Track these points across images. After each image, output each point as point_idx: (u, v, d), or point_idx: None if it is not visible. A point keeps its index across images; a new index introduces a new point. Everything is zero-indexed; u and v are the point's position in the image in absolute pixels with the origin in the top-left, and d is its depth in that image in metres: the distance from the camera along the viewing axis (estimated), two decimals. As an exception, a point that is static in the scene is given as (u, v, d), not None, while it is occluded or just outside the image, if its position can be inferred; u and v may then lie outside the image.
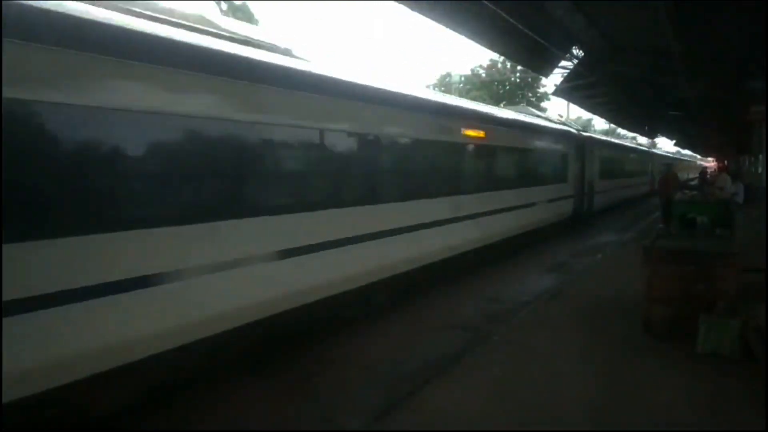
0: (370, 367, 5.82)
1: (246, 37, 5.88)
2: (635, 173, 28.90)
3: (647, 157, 34.33)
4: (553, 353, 5.72)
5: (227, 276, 4.85)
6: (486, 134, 10.03)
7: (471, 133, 9.52)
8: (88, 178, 3.98)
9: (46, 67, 3.69)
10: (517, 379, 5.09)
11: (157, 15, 4.96)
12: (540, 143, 13.65)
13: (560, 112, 51.14)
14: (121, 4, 4.68)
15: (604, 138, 25.49)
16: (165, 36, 4.54)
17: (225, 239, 4.86)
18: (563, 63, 16.08)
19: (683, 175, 32.62)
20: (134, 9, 4.76)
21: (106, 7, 4.35)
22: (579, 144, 16.97)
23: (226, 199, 4.99)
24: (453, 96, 10.72)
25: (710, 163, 57.23)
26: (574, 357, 5.59)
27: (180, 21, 5.19)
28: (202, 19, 5.59)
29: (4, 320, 3.40)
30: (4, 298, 3.40)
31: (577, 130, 18.31)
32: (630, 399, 4.62)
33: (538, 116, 15.98)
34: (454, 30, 12.40)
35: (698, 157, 67.34)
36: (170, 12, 5.28)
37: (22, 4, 3.59)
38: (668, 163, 23.92)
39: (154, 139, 4.45)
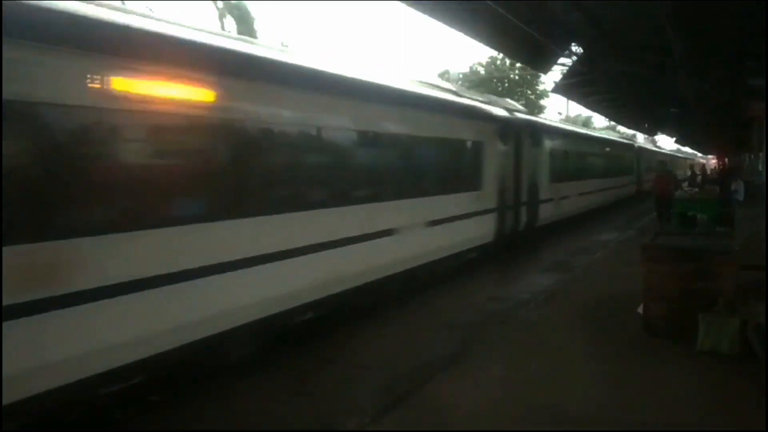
0: (367, 366, 5.80)
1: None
2: (613, 172, 23.54)
3: (632, 152, 28.79)
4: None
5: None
6: (222, 98, 4.96)
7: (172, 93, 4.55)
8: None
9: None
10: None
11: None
12: (406, 124, 8.18)
13: (560, 109, 51.08)
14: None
15: (554, 124, 18.75)
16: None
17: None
18: (562, 60, 16.04)
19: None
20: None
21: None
22: (507, 131, 11.55)
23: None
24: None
25: (706, 161, 56.73)
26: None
27: None
28: None
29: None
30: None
31: (509, 109, 12.59)
32: (629, 397, 4.60)
33: (432, 85, 10.27)
34: (452, 27, 12.38)
35: (699, 155, 67.27)
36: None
37: None
38: (663, 161, 22.77)
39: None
